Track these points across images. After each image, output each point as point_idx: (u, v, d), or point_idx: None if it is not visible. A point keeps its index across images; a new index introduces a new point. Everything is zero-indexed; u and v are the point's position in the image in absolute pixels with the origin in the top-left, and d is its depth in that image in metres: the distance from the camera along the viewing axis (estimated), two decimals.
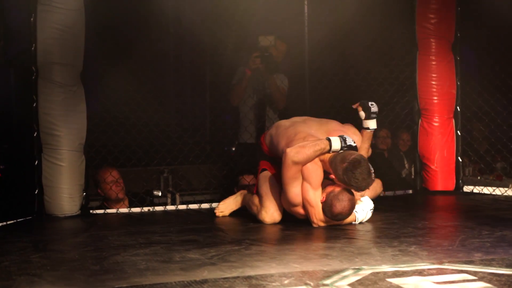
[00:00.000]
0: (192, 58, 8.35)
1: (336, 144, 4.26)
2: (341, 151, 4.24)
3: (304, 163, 4.24)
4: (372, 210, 4.46)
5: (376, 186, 4.98)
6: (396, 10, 6.12)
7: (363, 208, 4.42)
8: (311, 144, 4.26)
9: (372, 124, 4.62)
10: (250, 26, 7.08)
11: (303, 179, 4.27)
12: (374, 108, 4.63)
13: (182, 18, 8.45)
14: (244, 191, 4.97)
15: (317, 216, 4.30)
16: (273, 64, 5.91)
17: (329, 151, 4.25)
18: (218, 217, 4.92)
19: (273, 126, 4.77)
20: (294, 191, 4.30)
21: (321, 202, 4.25)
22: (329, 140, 4.26)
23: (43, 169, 4.98)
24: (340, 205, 4.19)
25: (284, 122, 4.72)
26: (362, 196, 4.51)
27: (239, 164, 5.98)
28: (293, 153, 4.23)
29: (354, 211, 4.32)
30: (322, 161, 4.30)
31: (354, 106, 4.67)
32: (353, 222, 4.38)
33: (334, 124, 4.62)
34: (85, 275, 3.19)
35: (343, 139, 4.27)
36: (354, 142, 4.30)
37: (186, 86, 8.47)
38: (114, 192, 5.41)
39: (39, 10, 4.92)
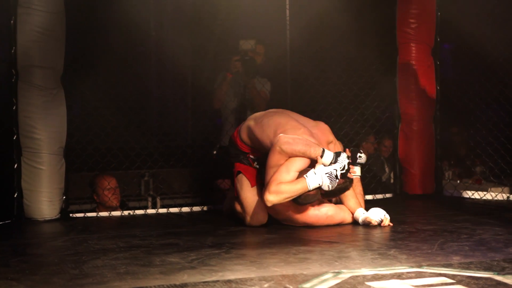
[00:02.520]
0: (174, 61, 8.34)
1: (328, 158, 4.21)
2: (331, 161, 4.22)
3: (288, 155, 4.22)
4: (330, 175, 4.15)
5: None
6: (377, 14, 6.15)
7: (316, 172, 4.16)
8: (305, 144, 4.21)
9: (357, 170, 4.58)
10: (232, 30, 7.09)
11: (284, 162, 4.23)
12: (361, 159, 4.58)
13: (164, 21, 8.44)
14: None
15: (271, 185, 4.15)
16: (253, 68, 5.92)
17: (316, 158, 4.22)
18: (198, 220, 4.92)
19: (247, 120, 4.64)
20: (272, 173, 4.24)
21: None
22: (323, 151, 4.23)
23: (22, 172, 4.95)
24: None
25: (261, 113, 4.63)
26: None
27: (220, 167, 5.98)
28: (284, 141, 4.20)
29: (304, 175, 4.15)
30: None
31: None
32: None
33: (322, 125, 4.58)
34: (64, 279, 3.18)
35: (337, 155, 4.23)
36: (347, 164, 4.22)
37: (168, 90, 8.46)
38: (110, 200, 5.42)
39: (19, 13, 4.89)
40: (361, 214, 4.45)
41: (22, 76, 4.92)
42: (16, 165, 4.96)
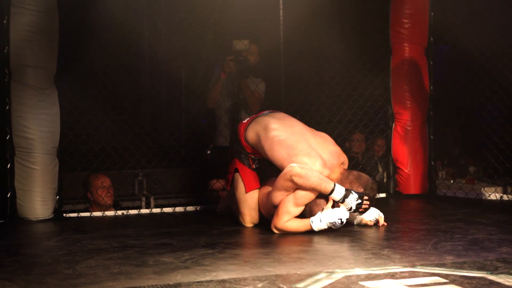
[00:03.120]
0: (167, 61, 8.33)
1: (338, 195, 4.18)
2: (340, 199, 4.20)
3: (299, 187, 4.21)
4: (332, 223, 4.16)
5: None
6: (370, 14, 6.16)
7: (322, 219, 4.18)
8: (318, 178, 4.16)
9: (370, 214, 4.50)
10: (226, 30, 7.09)
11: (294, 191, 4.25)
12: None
13: (157, 21, 8.44)
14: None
15: (278, 223, 4.24)
16: (247, 68, 5.92)
17: (328, 194, 4.19)
18: (192, 220, 4.93)
19: (256, 123, 4.52)
20: (279, 197, 4.28)
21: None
22: (334, 186, 4.18)
23: (15, 172, 4.94)
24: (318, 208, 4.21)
25: (270, 123, 4.47)
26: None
27: (213, 167, 5.98)
28: (297, 173, 4.15)
29: (311, 219, 4.20)
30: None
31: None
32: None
33: (331, 146, 4.51)
34: (57, 279, 3.17)
35: (347, 193, 4.19)
36: (356, 202, 4.20)
37: (162, 90, 8.46)
38: (104, 199, 5.43)
39: (12, 12, 4.88)
40: (321, 215, 4.26)
41: (15, 76, 4.91)
42: (9, 165, 4.95)
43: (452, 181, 6.47)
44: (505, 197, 5.59)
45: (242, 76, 5.92)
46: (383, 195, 5.96)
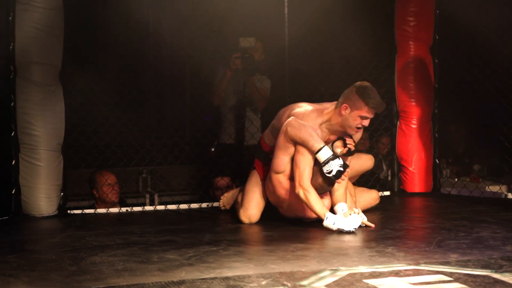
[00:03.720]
0: (172, 58, 8.33)
1: (324, 156, 4.23)
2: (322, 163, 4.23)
3: (290, 139, 4.30)
4: (341, 229, 4.17)
5: (369, 199, 4.99)
6: (375, 12, 6.15)
7: (336, 222, 4.19)
8: (308, 134, 4.26)
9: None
10: (231, 27, 7.08)
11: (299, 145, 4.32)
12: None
13: (162, 18, 8.44)
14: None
15: (300, 181, 4.27)
16: (253, 66, 5.91)
17: (313, 152, 4.25)
18: (196, 217, 4.93)
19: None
20: (280, 158, 4.39)
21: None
22: (322, 148, 4.23)
23: (20, 169, 4.95)
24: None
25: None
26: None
27: (217, 164, 5.98)
28: (291, 124, 4.31)
29: (326, 220, 4.20)
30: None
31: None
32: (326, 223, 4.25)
33: None
34: (62, 275, 3.18)
35: (333, 157, 4.23)
36: (338, 168, 4.23)
37: (166, 87, 8.46)
38: (106, 195, 5.42)
39: (18, 9, 4.88)
40: (337, 217, 4.25)
41: (20, 73, 4.92)
42: (14, 162, 4.95)
43: (456, 179, 6.46)
44: (509, 195, 5.58)
45: (248, 74, 5.92)
46: (387, 193, 5.96)
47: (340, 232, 4.13)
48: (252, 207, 4.57)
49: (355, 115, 4.37)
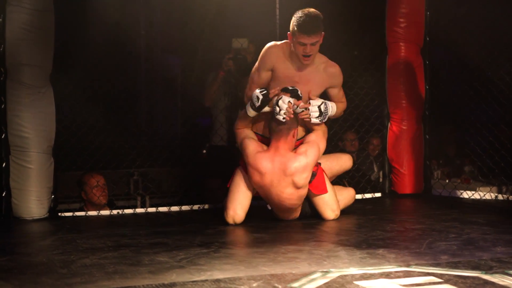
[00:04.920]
0: (163, 60, 8.33)
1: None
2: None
3: None
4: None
5: (348, 196, 5.00)
6: (366, 14, 6.16)
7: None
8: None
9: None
10: (222, 29, 7.08)
11: None
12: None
13: (153, 20, 8.44)
14: None
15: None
16: (245, 67, 5.91)
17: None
18: (187, 220, 4.93)
19: None
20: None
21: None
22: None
23: (11, 171, 4.93)
24: None
25: None
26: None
27: (209, 166, 5.98)
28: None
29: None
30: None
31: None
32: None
33: None
34: (52, 278, 3.17)
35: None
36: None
37: (157, 88, 8.46)
38: (97, 197, 5.41)
39: (8, 10, 4.87)
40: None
41: (10, 75, 4.90)
42: (4, 164, 4.93)
43: (447, 181, 6.48)
44: (500, 197, 5.60)
45: (241, 75, 5.92)
46: (378, 194, 5.97)
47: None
48: (236, 208, 4.55)
49: (295, 43, 4.45)
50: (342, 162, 4.98)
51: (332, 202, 4.64)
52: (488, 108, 5.78)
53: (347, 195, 4.97)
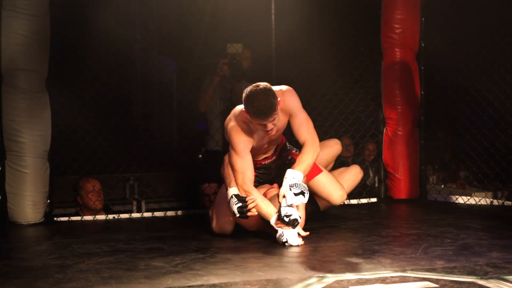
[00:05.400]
0: (158, 65, 8.33)
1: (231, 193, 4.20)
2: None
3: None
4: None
5: (352, 175, 4.82)
6: (361, 19, 6.18)
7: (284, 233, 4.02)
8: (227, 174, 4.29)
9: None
10: (218, 34, 7.10)
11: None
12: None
13: (149, 24, 8.44)
14: None
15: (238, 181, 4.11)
16: (240, 72, 5.92)
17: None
18: (183, 225, 4.93)
19: None
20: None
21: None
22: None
23: (6, 176, 4.93)
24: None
25: None
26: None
27: (204, 171, 5.98)
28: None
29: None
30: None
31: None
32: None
33: None
34: (48, 283, 3.17)
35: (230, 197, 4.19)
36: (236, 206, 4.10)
37: (153, 93, 8.46)
38: (93, 202, 5.41)
39: (4, 16, 4.87)
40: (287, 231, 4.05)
41: (6, 80, 4.90)
42: (0, 169, 4.93)
43: (442, 186, 6.49)
44: (495, 202, 5.61)
45: (236, 80, 5.92)
46: (374, 199, 5.97)
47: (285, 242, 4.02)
48: (224, 220, 4.37)
49: (255, 123, 4.08)
50: (329, 148, 4.78)
51: (333, 181, 4.48)
52: (483, 113, 5.79)
53: (350, 174, 4.83)
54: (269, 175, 4.52)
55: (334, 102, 6.10)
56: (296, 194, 3.97)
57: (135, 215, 5.42)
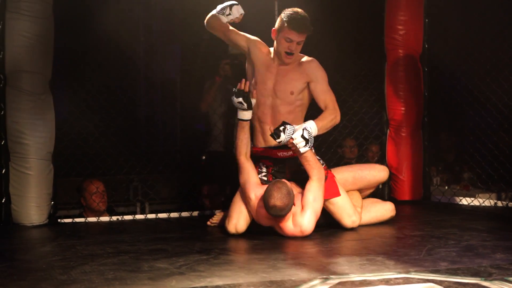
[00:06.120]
0: (162, 66, 8.34)
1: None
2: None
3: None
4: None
5: (383, 210, 4.80)
6: (365, 21, 6.18)
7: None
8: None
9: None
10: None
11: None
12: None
13: (152, 26, 8.45)
14: None
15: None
16: (243, 72, 5.91)
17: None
18: (186, 226, 4.93)
19: None
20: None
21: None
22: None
23: (10, 177, 4.93)
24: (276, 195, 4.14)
25: None
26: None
27: (207, 173, 5.98)
28: None
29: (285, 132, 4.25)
30: None
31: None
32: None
33: None
34: (52, 285, 3.17)
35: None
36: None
37: (157, 95, 8.47)
38: (96, 204, 5.41)
39: (8, 18, 4.88)
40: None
41: (10, 81, 4.91)
42: (4, 170, 4.94)
43: (446, 187, 6.48)
44: (499, 203, 5.60)
45: (238, 80, 5.92)
46: None
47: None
48: (238, 217, 4.47)
49: (281, 38, 4.44)
50: (376, 172, 4.84)
51: (348, 206, 4.51)
52: (487, 115, 5.79)
53: (382, 207, 4.79)
54: (284, 174, 4.56)
55: (338, 103, 6.08)
56: (304, 138, 4.24)
57: (139, 216, 5.42)
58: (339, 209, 4.51)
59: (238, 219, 4.47)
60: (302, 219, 4.25)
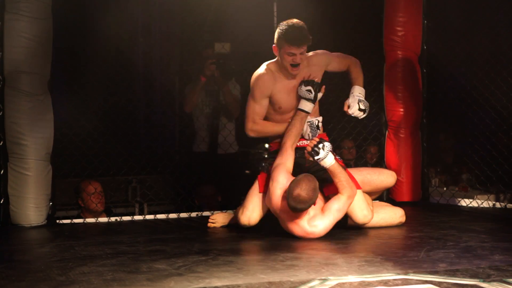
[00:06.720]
0: (161, 67, 8.34)
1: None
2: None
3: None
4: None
5: (393, 214, 4.76)
6: (363, 22, 6.18)
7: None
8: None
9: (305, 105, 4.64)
10: (221, 37, 7.08)
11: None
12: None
13: (151, 27, 8.45)
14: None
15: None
16: (229, 71, 5.87)
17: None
18: (185, 227, 4.93)
19: None
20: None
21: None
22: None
23: (9, 178, 4.93)
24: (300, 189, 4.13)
25: None
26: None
27: (194, 173, 5.95)
28: None
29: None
30: None
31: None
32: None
33: None
34: (50, 286, 3.17)
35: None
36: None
37: (155, 95, 8.46)
38: (95, 205, 5.40)
39: (7, 18, 4.88)
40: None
41: (9, 82, 4.90)
42: (2, 171, 4.94)
43: (445, 189, 6.48)
44: (497, 205, 5.61)
45: (224, 79, 5.87)
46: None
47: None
48: (253, 209, 4.50)
49: (283, 54, 4.50)
50: (384, 177, 4.88)
51: (361, 201, 4.49)
52: (485, 116, 5.79)
53: (392, 211, 4.76)
54: (304, 164, 4.58)
55: (337, 104, 6.09)
56: (360, 110, 4.72)
57: (137, 217, 5.41)
58: (354, 203, 4.47)
59: (253, 211, 4.49)
60: (321, 222, 4.26)
